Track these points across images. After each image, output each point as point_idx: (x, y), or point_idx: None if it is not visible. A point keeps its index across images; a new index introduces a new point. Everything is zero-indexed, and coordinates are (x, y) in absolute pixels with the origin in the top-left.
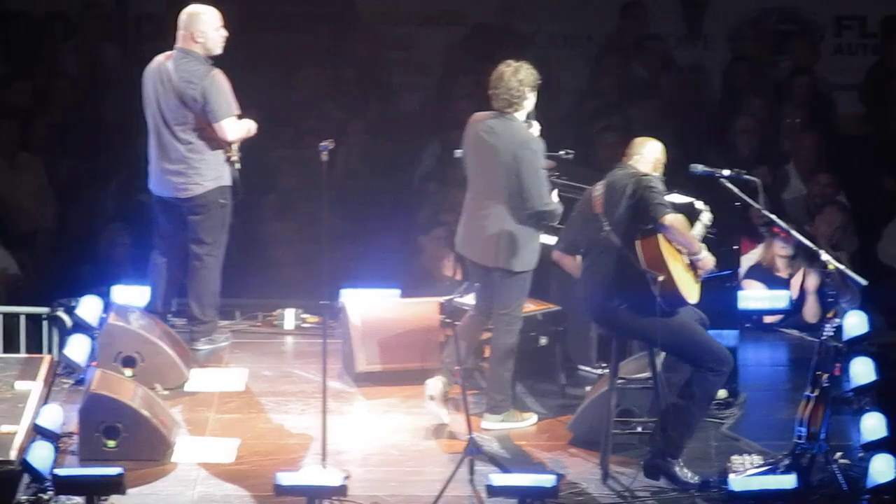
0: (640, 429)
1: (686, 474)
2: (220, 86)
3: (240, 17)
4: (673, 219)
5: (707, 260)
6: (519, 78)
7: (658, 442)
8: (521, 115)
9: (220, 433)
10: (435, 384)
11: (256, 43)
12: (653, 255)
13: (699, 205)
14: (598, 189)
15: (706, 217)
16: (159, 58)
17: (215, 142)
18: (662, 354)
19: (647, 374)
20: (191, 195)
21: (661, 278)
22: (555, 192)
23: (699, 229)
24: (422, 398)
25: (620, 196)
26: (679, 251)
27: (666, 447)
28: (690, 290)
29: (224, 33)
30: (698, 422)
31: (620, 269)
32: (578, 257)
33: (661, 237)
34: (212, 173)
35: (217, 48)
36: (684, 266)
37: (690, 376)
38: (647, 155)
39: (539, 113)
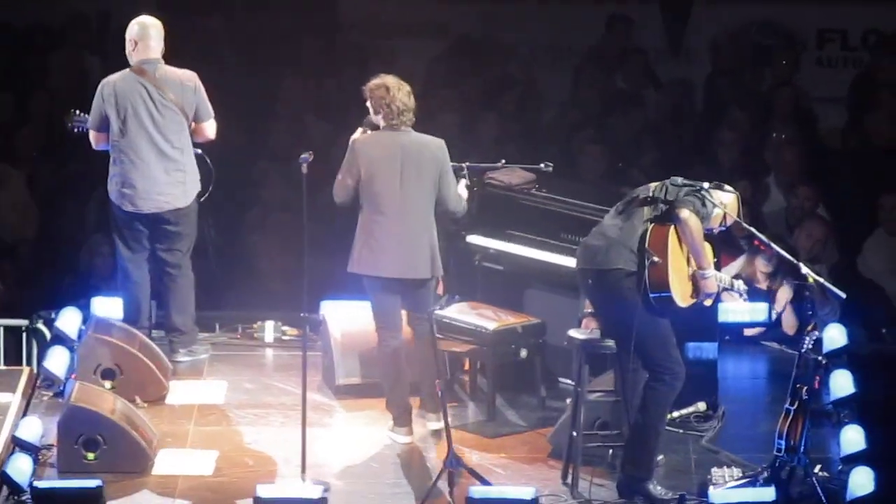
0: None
1: (660, 491)
2: (202, 86)
3: (225, 29)
4: (690, 216)
5: (711, 283)
6: (411, 95)
7: (626, 464)
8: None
9: (200, 445)
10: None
11: (240, 54)
12: (658, 240)
13: (738, 283)
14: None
15: (741, 285)
16: (127, 73)
17: (192, 145)
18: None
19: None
20: (178, 206)
21: (656, 259)
22: (462, 182)
23: (727, 278)
24: None
25: (676, 188)
26: (688, 261)
27: (634, 469)
28: (681, 292)
29: None
30: (657, 437)
31: (640, 239)
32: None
33: (672, 231)
34: (194, 177)
35: None
36: (686, 274)
37: (644, 396)
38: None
39: (522, 124)
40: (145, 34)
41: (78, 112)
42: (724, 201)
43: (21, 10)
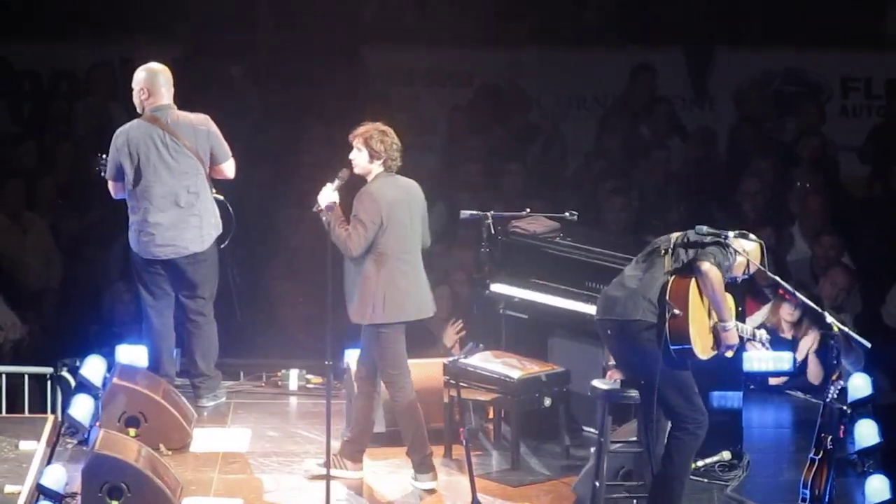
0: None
1: None
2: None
3: (249, 76)
4: (711, 268)
5: (733, 335)
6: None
7: None
8: None
9: (224, 493)
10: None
11: (264, 101)
12: (679, 292)
13: (760, 333)
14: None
15: (763, 335)
16: (139, 121)
17: (209, 187)
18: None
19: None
20: (195, 250)
21: (676, 312)
22: None
23: (749, 328)
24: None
25: (697, 239)
26: (709, 313)
27: None
28: (702, 344)
29: None
30: (681, 487)
31: (660, 291)
32: None
33: (693, 283)
34: (211, 222)
35: None
36: (707, 326)
37: (668, 446)
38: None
39: (547, 173)
40: (155, 81)
41: (103, 156)
42: (748, 249)
43: (46, 59)
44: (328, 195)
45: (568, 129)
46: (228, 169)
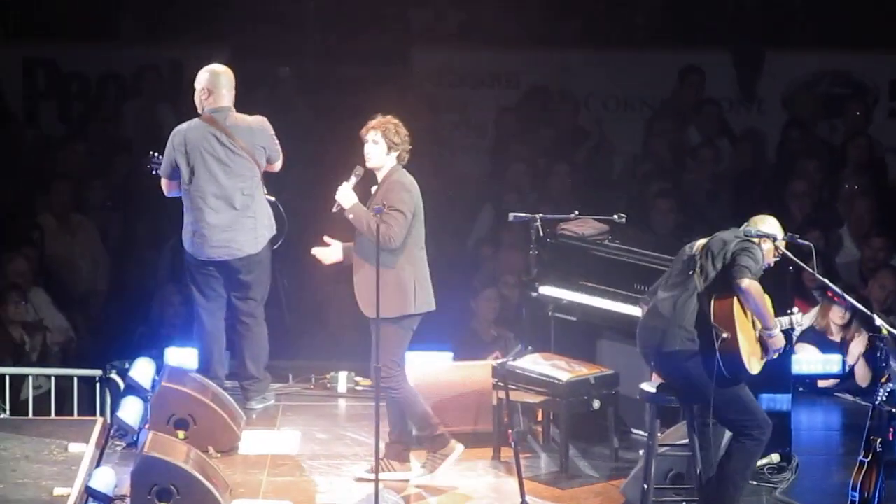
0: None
1: None
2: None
3: (297, 78)
4: (750, 283)
5: (779, 339)
6: None
7: None
8: None
9: (273, 495)
10: None
11: (311, 102)
12: (724, 314)
13: (795, 317)
14: (701, 240)
15: (798, 317)
16: (197, 122)
17: (262, 187)
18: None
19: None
20: (250, 252)
21: (725, 335)
22: None
23: (785, 320)
24: (475, 461)
25: (720, 249)
26: (753, 324)
27: None
28: (753, 361)
29: None
30: (736, 490)
31: (697, 316)
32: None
33: (736, 301)
34: (267, 222)
35: None
36: (753, 337)
37: (730, 447)
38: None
39: (594, 175)
40: (217, 82)
41: (156, 154)
42: (767, 229)
43: (94, 61)
44: (348, 194)
45: (615, 130)
46: (278, 166)
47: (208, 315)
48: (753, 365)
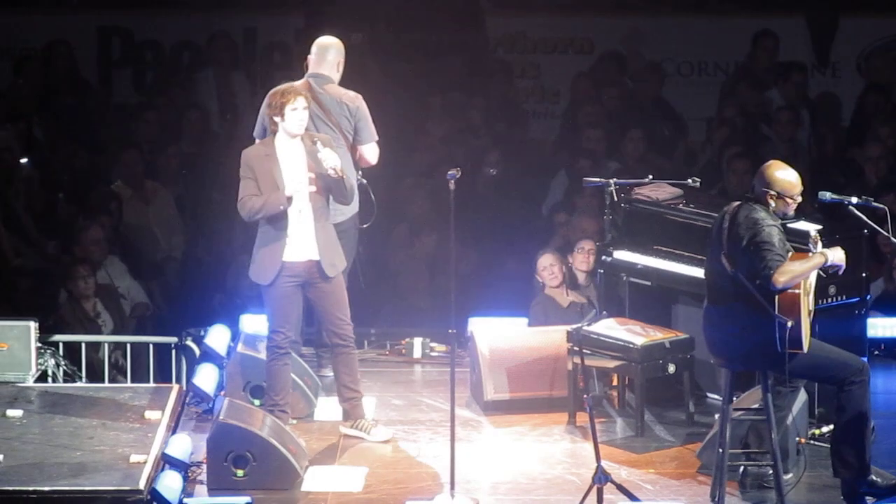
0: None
1: (881, 482)
2: (367, 110)
3: (373, 46)
4: (781, 273)
5: (836, 255)
6: None
7: (840, 470)
8: None
9: (349, 462)
10: None
11: (385, 70)
12: (788, 305)
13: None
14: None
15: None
16: (296, 83)
17: (352, 166)
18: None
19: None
20: (334, 221)
21: (790, 324)
22: None
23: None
24: (551, 426)
25: (738, 242)
26: (806, 291)
27: (849, 472)
28: (808, 329)
29: None
30: (868, 435)
31: (748, 305)
32: None
33: (793, 290)
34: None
35: None
36: (808, 305)
37: (838, 398)
38: (774, 185)
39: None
40: (324, 49)
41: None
42: (771, 179)
43: (167, 29)
44: (335, 156)
45: (689, 95)
46: (369, 152)
47: None
48: (807, 342)
